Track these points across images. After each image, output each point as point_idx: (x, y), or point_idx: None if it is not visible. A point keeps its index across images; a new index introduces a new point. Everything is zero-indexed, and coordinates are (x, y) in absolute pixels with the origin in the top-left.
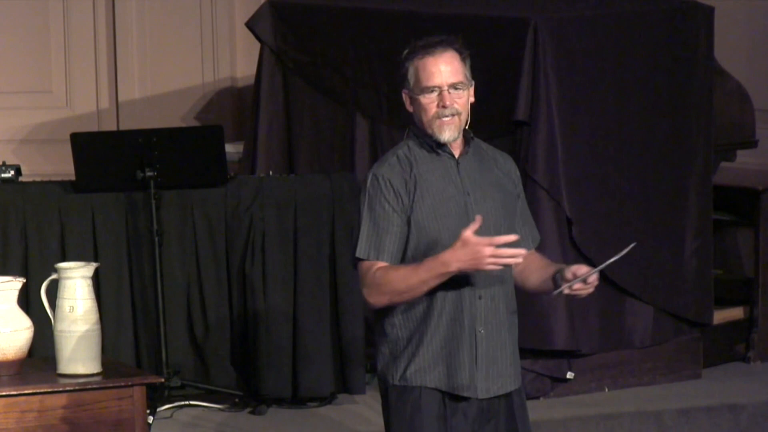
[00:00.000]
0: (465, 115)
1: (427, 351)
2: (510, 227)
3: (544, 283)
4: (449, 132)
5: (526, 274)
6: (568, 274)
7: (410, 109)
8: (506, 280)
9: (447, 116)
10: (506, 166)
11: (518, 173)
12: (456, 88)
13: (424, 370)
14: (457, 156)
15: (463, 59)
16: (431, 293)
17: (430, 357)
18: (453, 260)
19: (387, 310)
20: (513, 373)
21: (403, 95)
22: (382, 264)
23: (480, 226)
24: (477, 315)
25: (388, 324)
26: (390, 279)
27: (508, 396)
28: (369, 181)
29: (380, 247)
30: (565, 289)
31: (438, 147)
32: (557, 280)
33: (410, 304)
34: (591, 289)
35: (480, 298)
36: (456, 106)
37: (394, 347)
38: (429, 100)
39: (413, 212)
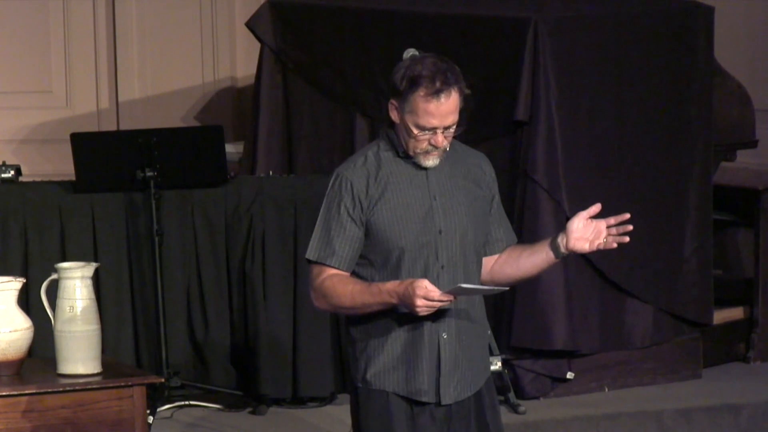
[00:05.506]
0: None
1: (387, 354)
2: (477, 233)
3: (538, 255)
4: (433, 161)
5: (516, 261)
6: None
7: (395, 119)
8: (473, 283)
9: (435, 151)
10: (480, 168)
11: (494, 175)
12: (449, 128)
13: (383, 373)
14: None
15: (462, 95)
16: None
17: (389, 360)
18: (395, 294)
19: None
20: (474, 378)
21: (390, 105)
22: (333, 271)
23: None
24: (440, 319)
25: (351, 324)
26: (337, 292)
27: (478, 395)
28: (332, 180)
29: (330, 251)
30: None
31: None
32: (558, 246)
33: None
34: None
35: None
36: (445, 143)
37: (355, 348)
38: (422, 137)
39: (374, 214)
